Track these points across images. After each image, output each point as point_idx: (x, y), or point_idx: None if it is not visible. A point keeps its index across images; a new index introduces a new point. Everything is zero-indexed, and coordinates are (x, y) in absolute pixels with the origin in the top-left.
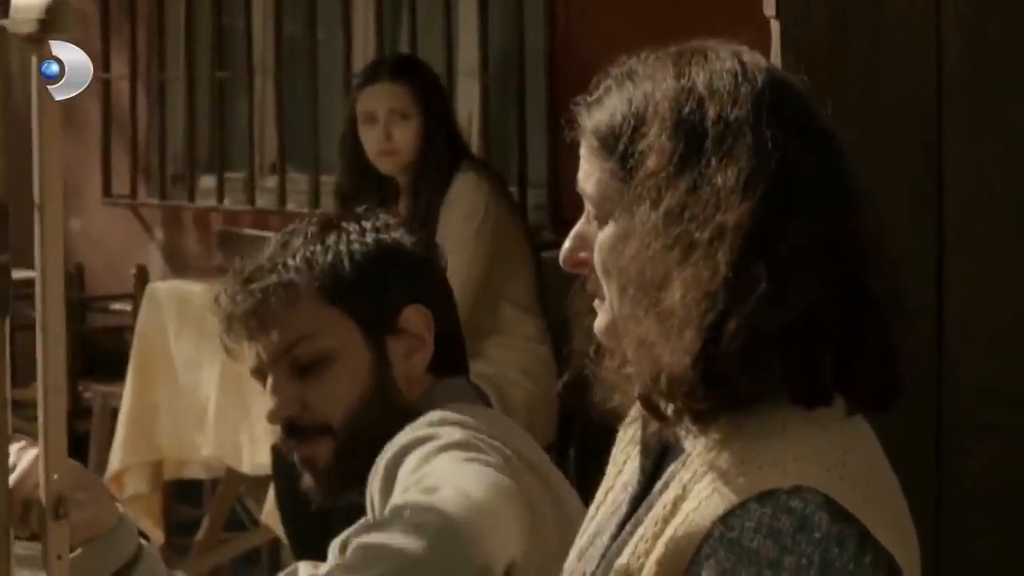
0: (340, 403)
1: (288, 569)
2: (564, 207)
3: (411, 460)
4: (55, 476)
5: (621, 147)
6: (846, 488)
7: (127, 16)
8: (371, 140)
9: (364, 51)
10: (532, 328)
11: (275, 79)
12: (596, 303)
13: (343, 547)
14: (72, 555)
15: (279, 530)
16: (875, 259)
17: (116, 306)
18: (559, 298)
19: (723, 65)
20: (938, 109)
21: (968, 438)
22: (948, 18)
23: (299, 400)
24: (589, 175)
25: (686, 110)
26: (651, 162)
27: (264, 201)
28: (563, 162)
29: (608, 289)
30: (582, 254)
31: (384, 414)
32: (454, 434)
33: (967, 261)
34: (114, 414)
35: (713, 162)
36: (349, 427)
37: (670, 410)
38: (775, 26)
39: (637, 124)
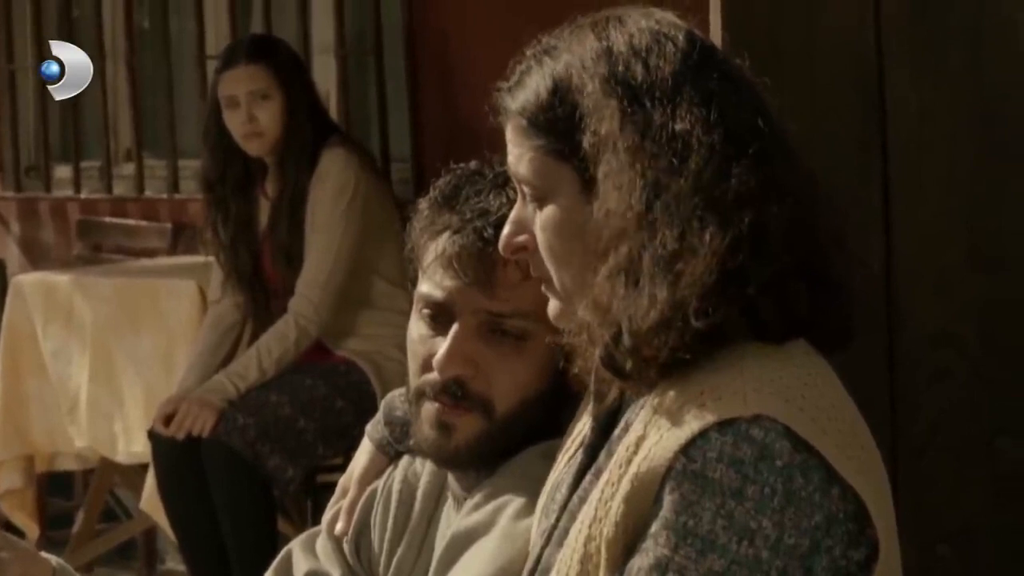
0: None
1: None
2: (428, 181)
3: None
4: None
5: (554, 121)
6: (806, 420)
7: None
8: (235, 124)
9: (217, 33)
10: (405, 303)
11: (127, 64)
12: (544, 288)
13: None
14: None
15: (159, 517)
16: (815, 201)
17: None
18: None
19: (642, 25)
20: (878, 54)
21: (920, 383)
22: None
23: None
24: (520, 157)
25: (619, 70)
26: (602, 127)
27: (121, 189)
28: (426, 135)
29: (557, 268)
30: (521, 238)
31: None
32: None
33: (913, 205)
34: None
35: (660, 117)
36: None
37: (629, 366)
38: None
39: (567, 95)
